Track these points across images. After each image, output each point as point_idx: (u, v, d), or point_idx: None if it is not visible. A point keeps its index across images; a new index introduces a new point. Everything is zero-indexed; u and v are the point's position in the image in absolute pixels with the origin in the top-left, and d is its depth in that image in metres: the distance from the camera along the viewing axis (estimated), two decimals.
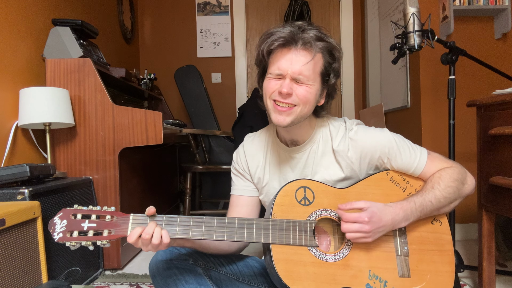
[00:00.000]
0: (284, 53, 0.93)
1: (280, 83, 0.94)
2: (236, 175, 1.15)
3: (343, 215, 0.90)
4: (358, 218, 0.88)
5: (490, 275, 1.41)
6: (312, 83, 0.94)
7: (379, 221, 0.89)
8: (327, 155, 1.04)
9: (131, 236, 0.83)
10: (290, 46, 0.93)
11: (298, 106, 0.94)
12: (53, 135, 1.82)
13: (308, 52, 0.93)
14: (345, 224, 0.89)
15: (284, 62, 0.93)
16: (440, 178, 0.97)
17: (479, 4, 2.11)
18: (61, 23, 1.89)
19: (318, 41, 0.94)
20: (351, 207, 0.91)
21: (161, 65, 3.47)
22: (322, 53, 0.95)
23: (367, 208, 0.90)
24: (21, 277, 1.16)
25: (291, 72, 0.92)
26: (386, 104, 2.77)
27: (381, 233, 0.91)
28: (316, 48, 0.93)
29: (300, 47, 0.92)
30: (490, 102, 1.32)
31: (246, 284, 1.09)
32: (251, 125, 1.84)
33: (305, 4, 3.31)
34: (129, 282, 1.71)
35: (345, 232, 0.89)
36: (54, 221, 0.85)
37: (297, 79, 0.93)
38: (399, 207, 0.92)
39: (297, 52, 0.92)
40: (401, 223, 0.92)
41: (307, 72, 0.92)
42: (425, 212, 0.95)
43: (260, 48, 0.97)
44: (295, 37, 0.92)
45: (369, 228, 0.88)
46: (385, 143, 1.00)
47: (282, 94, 0.93)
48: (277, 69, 0.94)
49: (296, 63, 0.92)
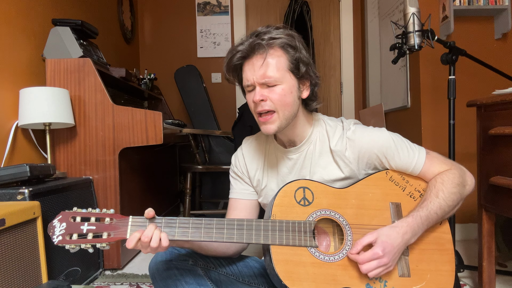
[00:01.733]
0: (247, 64, 0.96)
1: (253, 94, 0.95)
2: (235, 179, 1.15)
3: (358, 259, 0.88)
4: (373, 255, 0.87)
5: (490, 275, 1.41)
6: (281, 81, 0.94)
7: (393, 248, 0.88)
8: (324, 155, 1.03)
9: (130, 241, 0.83)
10: (250, 55, 0.95)
11: (277, 112, 0.95)
12: (53, 135, 1.82)
13: (265, 55, 0.93)
14: (364, 265, 0.87)
15: (248, 72, 0.95)
16: (443, 184, 0.96)
17: (479, 4, 2.10)
18: (61, 23, 1.89)
19: (270, 40, 0.94)
20: (361, 247, 0.89)
21: (161, 65, 3.47)
22: (282, 48, 0.95)
23: (376, 240, 0.89)
24: (21, 277, 1.16)
25: (255, 79, 0.93)
26: (386, 104, 2.77)
27: (398, 257, 0.91)
28: (269, 46, 0.93)
29: (256, 53, 0.94)
30: (490, 102, 1.32)
31: (246, 284, 1.09)
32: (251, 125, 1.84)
33: (305, 4, 3.31)
34: (129, 282, 1.71)
35: (366, 273, 0.88)
36: (53, 224, 0.85)
37: (265, 83, 0.93)
38: (405, 225, 0.91)
39: (256, 58, 0.94)
40: (411, 240, 0.92)
41: (270, 73, 0.93)
42: (432, 223, 0.94)
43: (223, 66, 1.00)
44: (251, 46, 0.94)
45: (387, 260, 0.87)
46: (383, 142, 1.00)
47: (256, 103, 0.94)
48: (246, 81, 0.96)
49: (257, 69, 0.93)
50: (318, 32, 3.52)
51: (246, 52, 0.94)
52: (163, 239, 0.84)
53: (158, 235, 0.84)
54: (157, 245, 0.83)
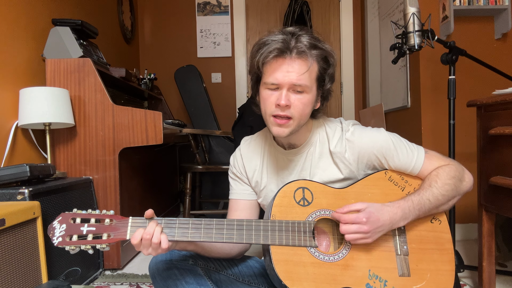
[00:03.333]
0: (279, 63, 0.92)
1: (277, 95, 0.93)
2: (234, 179, 1.15)
3: (341, 217, 0.90)
4: (356, 219, 0.88)
5: (490, 275, 1.41)
6: (309, 91, 0.94)
7: (377, 221, 0.89)
8: (324, 157, 1.04)
9: (134, 237, 0.84)
10: (285, 55, 0.91)
11: (294, 119, 0.94)
12: (53, 135, 1.82)
13: (304, 61, 0.92)
14: (344, 225, 0.89)
15: (280, 72, 0.91)
16: (437, 176, 0.97)
17: (479, 4, 2.10)
18: (61, 23, 1.89)
19: (313, 48, 0.92)
20: (348, 209, 0.91)
21: (161, 65, 3.47)
22: (316, 60, 0.94)
23: (365, 209, 0.90)
24: (21, 277, 1.16)
25: (288, 82, 0.91)
26: (386, 104, 2.77)
27: (380, 233, 0.91)
28: (312, 56, 0.92)
29: (294, 56, 0.91)
30: (490, 102, 1.32)
31: (246, 284, 1.09)
32: (251, 125, 1.84)
33: (305, 4, 3.31)
34: (129, 282, 1.71)
35: (344, 233, 0.89)
36: (53, 226, 0.85)
37: (295, 88, 0.92)
38: (397, 206, 0.92)
39: (292, 61, 0.91)
40: (400, 223, 0.92)
41: (303, 81, 0.91)
42: (424, 211, 0.95)
43: (255, 59, 0.95)
44: (289, 45, 0.91)
45: (368, 228, 0.88)
46: (382, 143, 1.00)
47: (280, 106, 0.92)
48: (274, 79, 0.92)
49: (293, 73, 0.91)
50: (318, 32, 3.51)
51: (284, 50, 0.90)
52: (162, 240, 0.84)
53: (159, 231, 0.84)
54: (158, 241, 0.83)
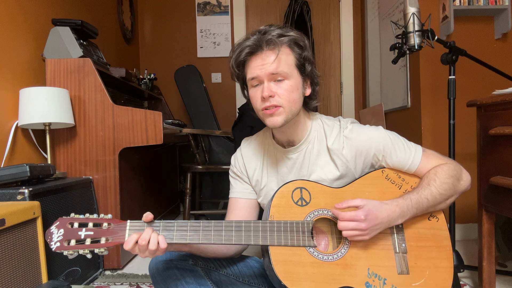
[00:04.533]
0: (254, 60, 0.96)
1: (261, 89, 0.95)
2: (235, 178, 1.15)
3: (339, 214, 0.90)
4: (354, 216, 0.88)
5: (490, 275, 1.41)
6: (290, 77, 0.96)
7: (375, 219, 0.89)
8: (322, 154, 1.04)
9: (127, 243, 0.83)
10: (257, 51, 0.95)
11: (283, 107, 0.95)
12: (53, 135, 1.82)
13: (274, 50, 0.95)
14: (342, 222, 0.89)
15: (256, 67, 0.95)
16: (435, 175, 0.97)
17: (479, 4, 2.10)
18: (61, 23, 1.89)
19: (281, 37, 0.96)
20: (347, 205, 0.92)
21: (161, 65, 3.47)
22: (289, 46, 0.97)
23: (363, 206, 0.90)
24: (21, 277, 1.16)
25: (265, 73, 0.94)
26: (386, 104, 2.77)
27: (377, 230, 0.91)
28: (281, 43, 0.95)
29: (266, 49, 0.95)
30: (490, 102, 1.32)
31: (246, 284, 1.09)
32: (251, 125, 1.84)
33: (305, 4, 3.31)
34: (129, 282, 1.71)
35: (341, 230, 0.90)
36: (51, 231, 0.85)
37: (274, 78, 0.94)
38: (395, 204, 0.93)
39: (265, 54, 0.95)
40: (398, 220, 0.93)
41: (280, 68, 0.94)
42: (421, 209, 0.95)
43: (230, 62, 1.01)
44: (259, 42, 0.94)
45: (366, 226, 0.88)
46: (380, 140, 1.00)
47: (264, 98, 0.94)
48: (252, 74, 0.96)
49: (267, 64, 0.94)
50: (318, 32, 3.52)
51: (255, 47, 0.95)
52: (161, 242, 0.84)
53: (156, 238, 0.84)
54: (155, 248, 0.83)
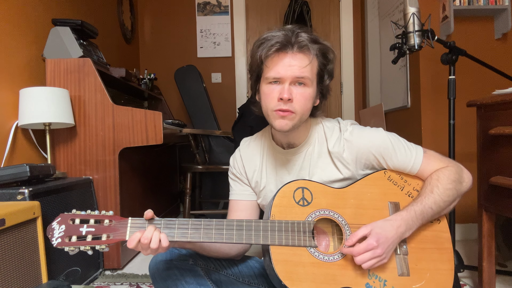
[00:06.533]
0: (281, 57, 0.93)
1: (279, 89, 0.93)
2: (234, 180, 1.15)
3: (353, 251, 0.88)
4: (367, 246, 0.87)
5: (490, 275, 1.41)
6: (311, 84, 0.95)
7: (387, 240, 0.88)
8: (323, 157, 1.04)
9: (131, 241, 0.83)
10: (287, 50, 0.92)
11: (297, 114, 0.94)
12: (53, 135, 1.82)
13: (305, 54, 0.93)
14: (358, 257, 0.87)
15: (282, 66, 0.92)
16: (438, 181, 0.96)
17: (479, 4, 2.10)
18: (61, 23, 1.89)
19: (314, 43, 0.94)
20: (356, 238, 0.89)
21: (161, 65, 3.47)
22: (317, 55, 0.95)
23: (370, 232, 0.89)
24: (21, 277, 1.16)
25: (290, 75, 0.92)
26: (386, 104, 2.77)
27: (392, 249, 0.91)
28: (313, 49, 0.93)
29: (296, 50, 0.92)
30: (490, 102, 1.32)
31: (246, 284, 1.09)
32: (251, 125, 1.84)
33: (305, 4, 3.31)
34: (129, 282, 1.71)
35: (360, 263, 0.88)
36: (52, 227, 0.85)
37: (297, 81, 0.93)
38: (399, 218, 0.91)
39: (294, 55, 0.92)
40: (405, 234, 0.92)
41: (306, 74, 0.93)
42: (427, 219, 0.94)
43: (257, 54, 0.96)
44: (290, 40, 0.92)
45: (381, 251, 0.87)
46: (380, 142, 1.00)
47: (283, 100, 0.92)
48: (275, 73, 0.93)
49: (295, 66, 0.92)
50: (318, 32, 3.48)
51: (285, 44, 0.91)
52: (162, 240, 0.84)
53: (158, 236, 0.84)
54: (157, 246, 0.83)
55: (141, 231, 0.84)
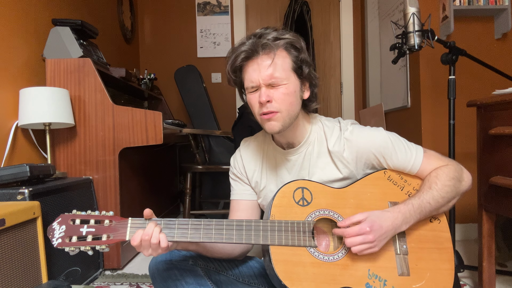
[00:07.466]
0: (250, 65, 0.95)
1: (258, 95, 0.95)
2: (235, 180, 1.15)
3: (344, 232, 0.89)
4: (360, 230, 0.87)
5: (490, 275, 1.41)
6: (287, 81, 0.95)
7: (381, 228, 0.89)
8: (323, 156, 1.04)
9: (134, 239, 0.84)
10: (254, 56, 0.94)
11: (281, 112, 0.95)
12: (53, 135, 1.82)
13: (270, 55, 0.94)
14: (349, 239, 0.88)
15: (252, 73, 0.94)
16: (437, 178, 0.97)
17: (479, 4, 2.10)
18: (61, 23, 1.89)
19: (277, 40, 0.94)
20: (350, 222, 0.90)
21: (161, 65, 3.47)
22: (285, 49, 0.96)
23: (366, 218, 0.89)
24: (21, 277, 1.16)
25: (262, 79, 0.93)
26: (386, 104, 2.77)
27: (385, 240, 0.91)
28: (276, 47, 0.94)
29: (262, 53, 0.93)
30: (490, 102, 1.32)
31: (246, 284, 1.09)
32: (251, 125, 1.84)
33: (305, 4, 3.31)
34: (129, 282, 1.71)
35: (350, 246, 0.88)
36: (52, 227, 0.85)
37: (271, 83, 0.93)
38: (397, 211, 0.92)
39: (261, 59, 0.94)
40: (402, 227, 0.92)
41: (277, 73, 0.93)
42: (424, 213, 0.94)
43: (226, 68, 0.99)
44: (255, 46, 0.93)
45: (373, 237, 0.87)
46: (380, 142, 1.00)
47: (262, 104, 0.94)
48: (250, 82, 0.95)
49: (263, 69, 0.93)
50: (318, 32, 3.52)
51: (250, 52, 0.94)
52: (162, 240, 0.84)
53: (158, 232, 0.84)
54: (157, 242, 0.83)
55: (143, 229, 0.85)
